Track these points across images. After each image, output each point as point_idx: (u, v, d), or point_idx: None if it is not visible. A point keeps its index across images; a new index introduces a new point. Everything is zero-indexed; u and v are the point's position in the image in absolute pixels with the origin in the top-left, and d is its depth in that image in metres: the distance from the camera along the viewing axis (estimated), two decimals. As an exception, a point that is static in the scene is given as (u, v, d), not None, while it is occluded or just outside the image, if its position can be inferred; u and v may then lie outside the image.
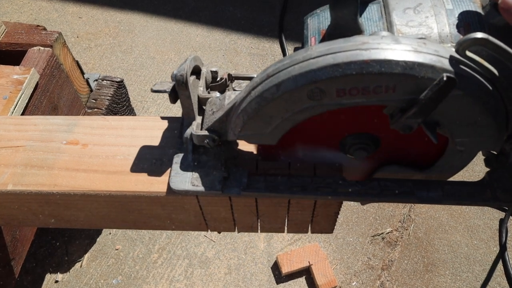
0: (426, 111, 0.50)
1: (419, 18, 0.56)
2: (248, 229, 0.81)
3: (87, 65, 2.44)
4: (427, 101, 0.49)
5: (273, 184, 0.65)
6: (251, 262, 1.78)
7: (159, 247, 1.82)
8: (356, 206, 1.93)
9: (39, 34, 1.34)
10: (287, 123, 0.57)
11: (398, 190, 0.64)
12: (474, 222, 1.88)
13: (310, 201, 0.71)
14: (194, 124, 0.64)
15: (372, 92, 0.50)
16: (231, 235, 1.85)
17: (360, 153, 0.64)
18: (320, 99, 0.51)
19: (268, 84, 0.52)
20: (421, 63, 0.47)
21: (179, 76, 0.61)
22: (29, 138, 0.75)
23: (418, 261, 1.79)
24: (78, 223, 0.80)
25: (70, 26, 2.65)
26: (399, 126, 0.53)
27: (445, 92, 0.48)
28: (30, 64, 1.26)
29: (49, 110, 1.30)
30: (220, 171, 0.64)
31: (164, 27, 2.65)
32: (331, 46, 0.50)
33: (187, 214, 0.75)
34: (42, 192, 0.69)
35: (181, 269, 1.76)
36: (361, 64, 0.47)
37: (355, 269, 1.77)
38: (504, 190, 0.63)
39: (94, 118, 0.79)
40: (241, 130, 0.58)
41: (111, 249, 1.81)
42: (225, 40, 2.58)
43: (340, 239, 1.84)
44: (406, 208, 1.93)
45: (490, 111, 0.50)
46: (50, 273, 1.74)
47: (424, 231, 1.87)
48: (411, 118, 0.51)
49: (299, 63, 0.50)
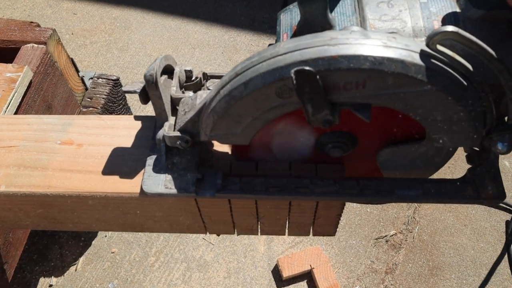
0: (318, 106, 0.51)
1: (393, 12, 0.56)
2: (248, 231, 0.81)
3: (82, 62, 2.44)
4: (308, 97, 0.49)
5: (248, 185, 0.65)
6: (251, 266, 1.78)
7: (156, 250, 1.82)
8: (359, 208, 1.93)
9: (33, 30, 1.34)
10: (258, 122, 0.57)
11: (377, 189, 0.64)
12: (480, 224, 1.88)
13: (311, 203, 0.71)
14: (166, 125, 0.65)
15: (343, 88, 0.50)
16: (231, 238, 1.85)
17: (336, 151, 0.64)
18: (289, 97, 0.52)
19: (237, 83, 0.52)
20: (390, 58, 0.47)
21: (148, 76, 0.61)
22: (22, 138, 0.75)
23: (423, 265, 1.79)
24: (72, 226, 0.80)
25: (65, 22, 2.65)
26: (317, 123, 0.54)
27: (312, 86, 0.48)
28: (24, 61, 1.26)
29: (43, 109, 1.30)
30: (194, 173, 0.65)
31: (161, 23, 2.65)
32: (298, 42, 0.50)
33: (185, 216, 0.75)
34: (35, 193, 0.69)
35: (179, 273, 1.76)
36: (329, 60, 0.47)
37: (358, 273, 1.77)
38: (485, 187, 0.64)
39: (89, 118, 0.79)
40: (212, 130, 0.59)
41: (107, 252, 1.81)
42: (224, 37, 2.58)
43: (343, 242, 1.85)
44: (410, 209, 1.93)
45: (465, 107, 0.50)
46: (44, 277, 1.74)
47: (429, 233, 1.87)
48: (316, 114, 0.52)
49: (266, 60, 0.51)
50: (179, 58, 2.48)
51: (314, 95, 0.50)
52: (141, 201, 0.71)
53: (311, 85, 0.49)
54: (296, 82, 0.49)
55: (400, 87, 0.49)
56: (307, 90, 0.50)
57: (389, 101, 0.51)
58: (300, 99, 0.51)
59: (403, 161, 0.66)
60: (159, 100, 0.64)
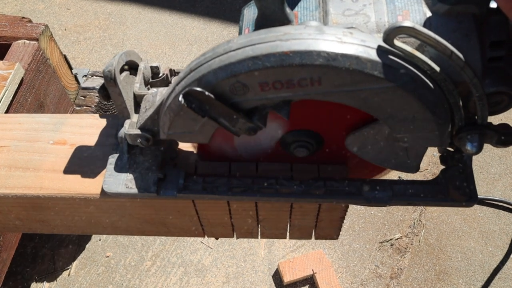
0: (229, 118, 0.53)
1: (357, 6, 0.56)
2: (247, 235, 0.81)
3: (75, 59, 2.44)
4: (214, 114, 0.52)
5: (211, 185, 0.66)
6: (250, 270, 1.78)
7: (152, 254, 1.82)
8: (363, 210, 1.93)
9: (24, 26, 1.34)
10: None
11: (344, 190, 0.65)
12: (489, 228, 1.88)
13: (313, 205, 0.71)
14: (127, 122, 0.65)
15: (298, 85, 0.50)
16: (230, 242, 1.85)
17: (301, 151, 0.65)
18: (244, 94, 0.52)
19: (190, 79, 0.53)
20: (344, 54, 0.47)
21: (106, 72, 0.61)
22: (13, 138, 0.75)
23: (429, 269, 1.79)
24: (65, 229, 0.80)
25: (58, 18, 2.65)
26: (242, 132, 0.56)
27: (210, 103, 0.51)
28: (15, 58, 1.26)
29: (35, 107, 1.30)
30: (156, 172, 0.65)
31: (157, 19, 2.65)
32: (252, 37, 0.50)
33: (183, 219, 0.76)
34: (27, 195, 0.69)
35: (176, 278, 1.76)
36: (280, 56, 0.48)
37: (362, 278, 1.77)
38: (457, 189, 0.64)
39: (83, 117, 0.79)
40: (169, 128, 0.59)
41: (101, 256, 1.81)
42: (223, 33, 2.58)
43: (346, 246, 1.85)
44: (416, 212, 1.93)
45: (427, 105, 0.50)
46: (36, 281, 1.74)
47: (436, 237, 1.87)
48: (234, 126, 0.54)
49: (219, 56, 0.51)
50: (176, 54, 2.48)
51: (219, 110, 0.52)
52: (136, 204, 0.71)
53: (209, 103, 0.51)
54: (188, 104, 0.51)
55: (357, 84, 0.49)
56: (207, 108, 0.52)
57: (348, 99, 0.51)
58: (209, 118, 0.53)
59: (378, 155, 0.65)
60: (119, 97, 0.64)
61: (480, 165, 2.04)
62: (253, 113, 0.55)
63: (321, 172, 0.69)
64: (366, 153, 0.63)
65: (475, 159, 1.99)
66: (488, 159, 2.06)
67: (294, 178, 0.68)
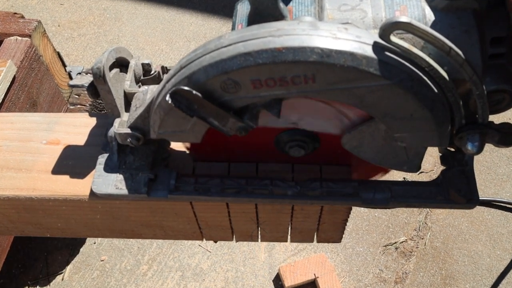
0: (219, 118, 0.53)
1: (353, 1, 0.56)
2: (247, 238, 0.81)
3: (69, 56, 2.44)
4: (203, 114, 0.52)
5: (204, 186, 0.65)
6: (250, 275, 1.78)
7: (149, 258, 1.82)
8: (367, 212, 1.93)
9: (16, 22, 1.34)
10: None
11: (341, 191, 0.65)
12: (497, 231, 1.88)
13: (315, 207, 0.71)
14: (116, 121, 0.65)
15: (291, 82, 0.49)
16: (229, 245, 1.85)
17: (296, 151, 0.65)
18: (236, 91, 0.51)
19: (180, 76, 0.52)
20: (339, 51, 0.47)
21: (95, 69, 0.61)
22: (5, 138, 0.75)
23: (435, 274, 1.79)
24: (59, 231, 0.80)
25: (51, 13, 2.65)
26: (232, 132, 0.56)
27: (199, 102, 0.51)
28: (6, 55, 1.26)
29: (27, 106, 1.30)
30: (146, 173, 0.65)
31: (154, 14, 2.65)
32: (244, 33, 0.50)
33: (180, 221, 0.76)
34: (19, 197, 0.69)
35: (173, 283, 1.76)
36: (273, 52, 0.47)
37: (365, 282, 1.77)
38: (458, 191, 0.64)
39: (77, 116, 0.79)
40: (160, 127, 0.59)
41: (96, 260, 1.81)
42: (222, 29, 2.58)
43: (349, 249, 1.85)
44: (422, 214, 1.93)
45: (425, 104, 0.50)
46: (28, 286, 1.74)
47: (442, 240, 1.87)
48: (224, 125, 0.54)
49: (210, 52, 0.51)
50: (173, 51, 2.48)
51: (208, 110, 0.52)
52: (132, 205, 0.71)
53: (198, 102, 0.51)
54: (176, 104, 0.51)
55: (352, 82, 0.49)
56: (196, 107, 0.51)
57: (343, 97, 0.51)
58: (198, 118, 0.53)
59: (376, 154, 0.65)
60: (109, 95, 0.64)
61: (488, 165, 2.04)
62: (243, 112, 0.55)
63: (323, 173, 0.69)
64: (364, 152, 0.63)
65: (482, 159, 1.99)
66: (496, 159, 2.06)
67: (295, 179, 0.68)
